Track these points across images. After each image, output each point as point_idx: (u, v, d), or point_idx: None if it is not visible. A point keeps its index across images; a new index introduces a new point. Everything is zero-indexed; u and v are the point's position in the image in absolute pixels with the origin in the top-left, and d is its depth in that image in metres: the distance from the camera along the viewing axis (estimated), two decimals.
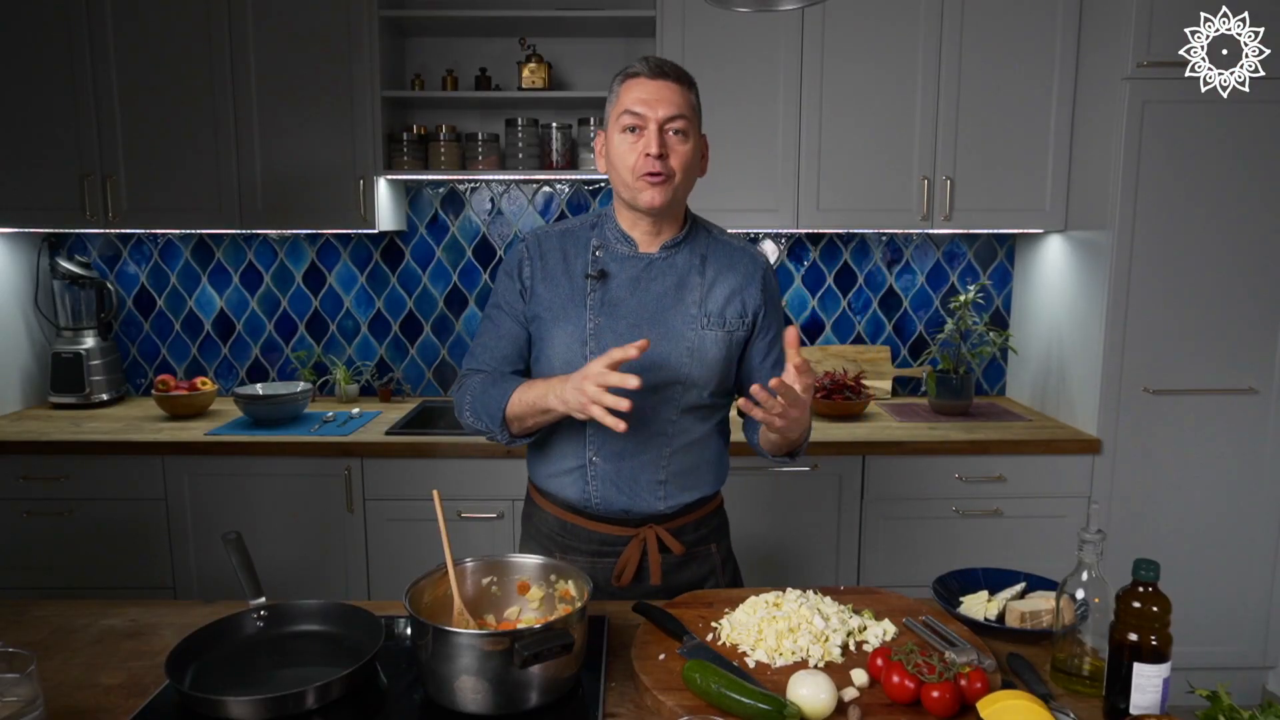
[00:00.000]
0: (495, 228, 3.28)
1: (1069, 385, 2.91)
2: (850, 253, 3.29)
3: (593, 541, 1.60)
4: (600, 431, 1.53)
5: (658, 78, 1.47)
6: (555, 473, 1.60)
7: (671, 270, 1.56)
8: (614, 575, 1.59)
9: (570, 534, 1.61)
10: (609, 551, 1.60)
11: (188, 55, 2.81)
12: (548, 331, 1.56)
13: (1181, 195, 2.64)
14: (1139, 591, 1.14)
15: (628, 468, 1.55)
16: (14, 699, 1.07)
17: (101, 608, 1.53)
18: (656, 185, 1.47)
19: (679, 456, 1.57)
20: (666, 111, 1.46)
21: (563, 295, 1.55)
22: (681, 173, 1.49)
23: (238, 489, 2.71)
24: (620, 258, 1.56)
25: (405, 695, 1.25)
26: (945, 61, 2.83)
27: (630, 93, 1.47)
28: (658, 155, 1.45)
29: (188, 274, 3.28)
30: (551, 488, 1.62)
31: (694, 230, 1.60)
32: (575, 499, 1.59)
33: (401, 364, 3.34)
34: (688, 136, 1.48)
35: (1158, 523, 2.77)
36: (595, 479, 1.56)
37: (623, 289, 1.54)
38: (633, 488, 1.56)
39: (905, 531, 2.76)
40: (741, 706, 1.12)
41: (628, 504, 1.57)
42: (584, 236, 1.58)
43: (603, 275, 1.54)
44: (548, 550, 1.63)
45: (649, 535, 1.58)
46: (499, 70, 3.13)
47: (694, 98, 1.51)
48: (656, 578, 1.58)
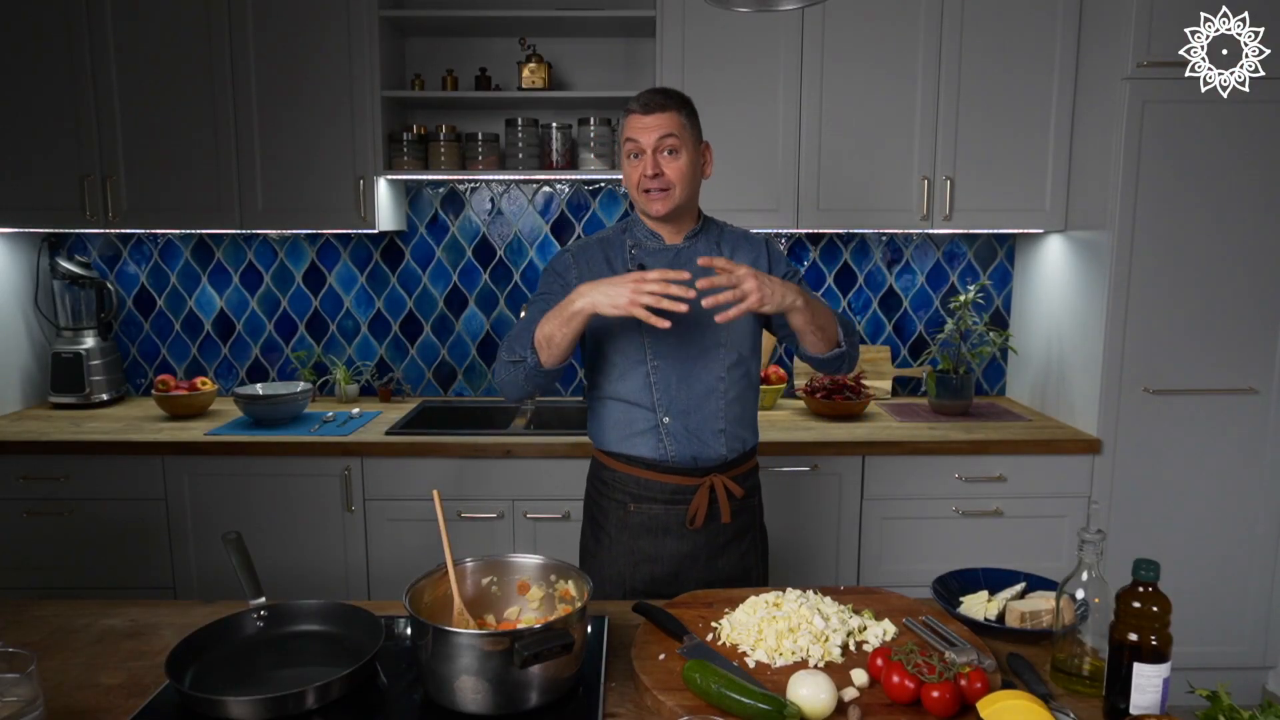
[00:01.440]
0: (495, 228, 3.28)
1: (1069, 385, 2.91)
2: (850, 253, 3.29)
3: (665, 491, 1.82)
4: (666, 395, 1.78)
5: (648, 113, 1.74)
6: (629, 435, 1.82)
7: (697, 255, 1.81)
8: (688, 519, 1.81)
9: (645, 487, 1.83)
10: (680, 500, 1.82)
11: (188, 55, 2.81)
12: (605, 326, 1.77)
13: (1181, 195, 2.64)
14: (1139, 591, 1.14)
15: (694, 421, 1.79)
16: (14, 699, 1.07)
17: (101, 608, 1.53)
18: (657, 198, 1.76)
19: (732, 407, 1.83)
20: (657, 135, 1.73)
21: None
22: (679, 182, 1.75)
23: (238, 489, 2.71)
24: (653, 251, 1.83)
25: (405, 695, 1.25)
26: (945, 61, 2.83)
27: (630, 127, 1.76)
28: (653, 175, 1.74)
29: (188, 274, 3.28)
30: (625, 450, 1.83)
31: (707, 224, 1.89)
32: (652, 456, 1.81)
33: (401, 364, 3.34)
34: (679, 152, 1.75)
35: (1158, 523, 2.77)
36: (668, 435, 1.80)
37: None
38: (700, 438, 1.80)
39: (905, 531, 2.76)
40: (741, 706, 1.13)
41: (697, 452, 1.80)
42: (619, 240, 1.86)
43: (642, 267, 1.79)
44: (622, 503, 1.85)
45: (715, 482, 1.82)
46: (499, 70, 3.13)
47: (683, 118, 1.76)
48: (727, 515, 1.83)
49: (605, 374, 1.83)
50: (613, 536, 1.86)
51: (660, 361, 1.78)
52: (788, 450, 2.68)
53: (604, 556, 1.87)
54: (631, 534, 1.84)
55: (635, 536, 1.83)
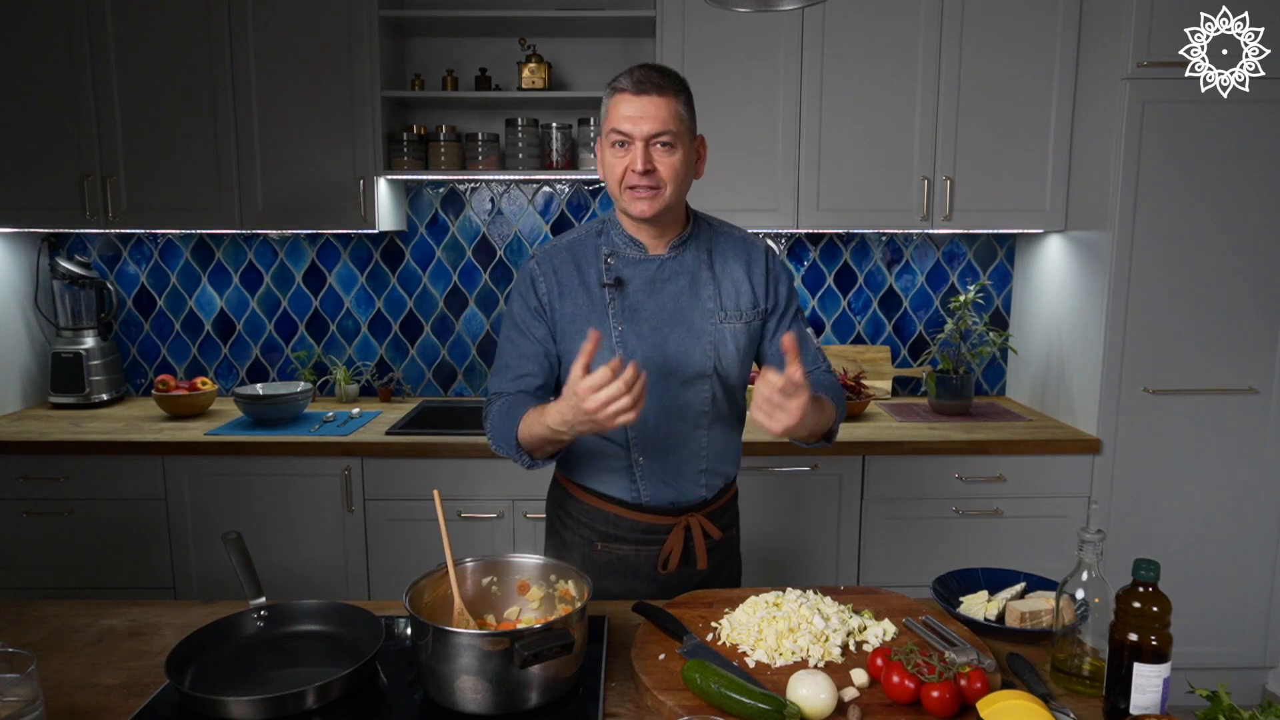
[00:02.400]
0: (495, 228, 3.28)
1: (1069, 385, 2.91)
2: (850, 253, 3.29)
3: (637, 531, 1.65)
4: (642, 433, 1.59)
5: (642, 94, 1.48)
6: (600, 471, 1.64)
7: (683, 269, 1.60)
8: (660, 562, 1.65)
9: (614, 524, 1.65)
10: (653, 540, 1.65)
11: (188, 55, 2.81)
12: (575, 346, 1.54)
13: (1181, 195, 2.64)
14: (1139, 591, 1.14)
15: (672, 463, 1.61)
16: (14, 699, 1.07)
17: (101, 608, 1.53)
18: (643, 198, 1.51)
19: (715, 443, 1.64)
20: (651, 128, 1.48)
21: (583, 308, 1.58)
22: (671, 182, 1.51)
23: (238, 489, 2.71)
24: (632, 262, 1.59)
25: (405, 695, 1.25)
26: (945, 61, 2.83)
27: (617, 109, 1.50)
28: (644, 170, 1.48)
29: (188, 274, 3.28)
30: (594, 485, 1.66)
31: (698, 227, 1.65)
32: (623, 495, 1.64)
33: (401, 364, 3.34)
34: (674, 148, 1.50)
35: (1158, 523, 2.77)
36: (643, 477, 1.62)
37: (640, 293, 1.58)
38: (678, 480, 1.62)
39: (905, 531, 2.76)
40: (741, 706, 1.12)
41: (675, 496, 1.63)
42: (592, 245, 1.61)
43: (619, 283, 1.58)
44: (588, 540, 1.67)
45: (692, 523, 1.65)
46: (499, 70, 3.13)
47: (681, 106, 1.52)
48: (704, 561, 1.65)
49: None
50: None
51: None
52: (788, 450, 2.68)
53: None
54: (597, 574, 1.63)
55: (601, 577, 1.63)
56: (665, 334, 1.58)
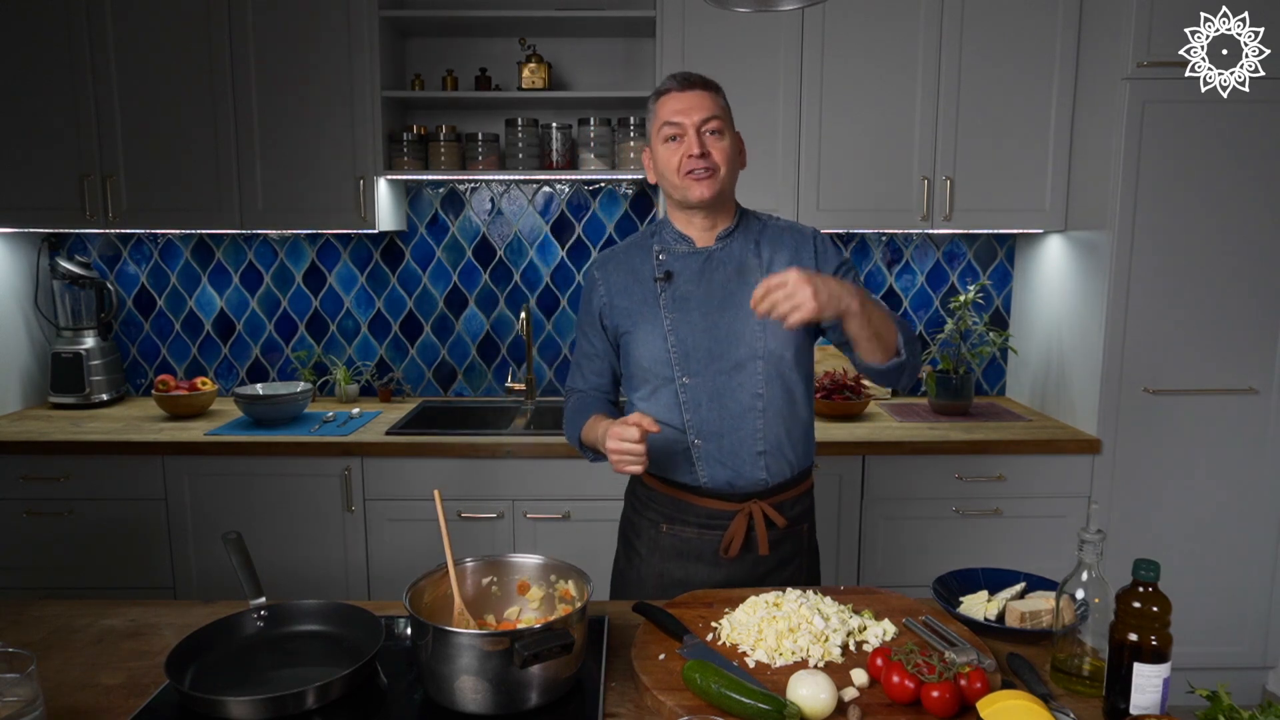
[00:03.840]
0: (495, 228, 3.28)
1: (1069, 385, 2.91)
2: (850, 253, 3.29)
3: (701, 515, 1.69)
4: (696, 415, 1.65)
5: (687, 89, 1.62)
6: (661, 456, 1.69)
7: (730, 258, 1.69)
8: (722, 547, 1.68)
9: (679, 508, 1.71)
10: (716, 525, 1.69)
11: (188, 55, 2.81)
12: (632, 337, 1.70)
13: (1181, 195, 2.64)
14: (1139, 591, 1.14)
15: (729, 443, 1.65)
16: (14, 699, 1.07)
17: (101, 608, 1.53)
18: (703, 180, 1.61)
19: (774, 427, 1.66)
20: (701, 115, 1.60)
21: (637, 301, 1.70)
22: (725, 165, 1.62)
23: (238, 489, 2.71)
24: (681, 256, 1.69)
25: (405, 695, 1.25)
26: (945, 61, 2.83)
27: (666, 106, 1.63)
28: (700, 155, 1.59)
29: (188, 274, 3.28)
30: (659, 470, 1.71)
31: (745, 219, 1.74)
32: (684, 478, 1.69)
33: (401, 364, 3.34)
34: (723, 134, 1.62)
35: (1158, 523, 2.77)
36: (700, 459, 1.67)
37: (689, 284, 1.68)
38: (736, 461, 1.66)
39: (905, 531, 2.76)
40: (741, 706, 1.12)
41: (733, 476, 1.66)
42: (646, 245, 1.73)
43: (669, 276, 1.68)
44: (655, 523, 1.74)
45: (754, 509, 1.67)
46: (499, 70, 3.13)
47: (723, 100, 1.65)
48: (764, 548, 1.68)
49: (636, 389, 1.72)
50: (643, 557, 1.74)
51: (690, 379, 1.64)
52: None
53: (633, 577, 1.76)
54: (662, 556, 1.71)
55: (666, 559, 1.71)
56: (714, 319, 1.65)
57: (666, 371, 1.66)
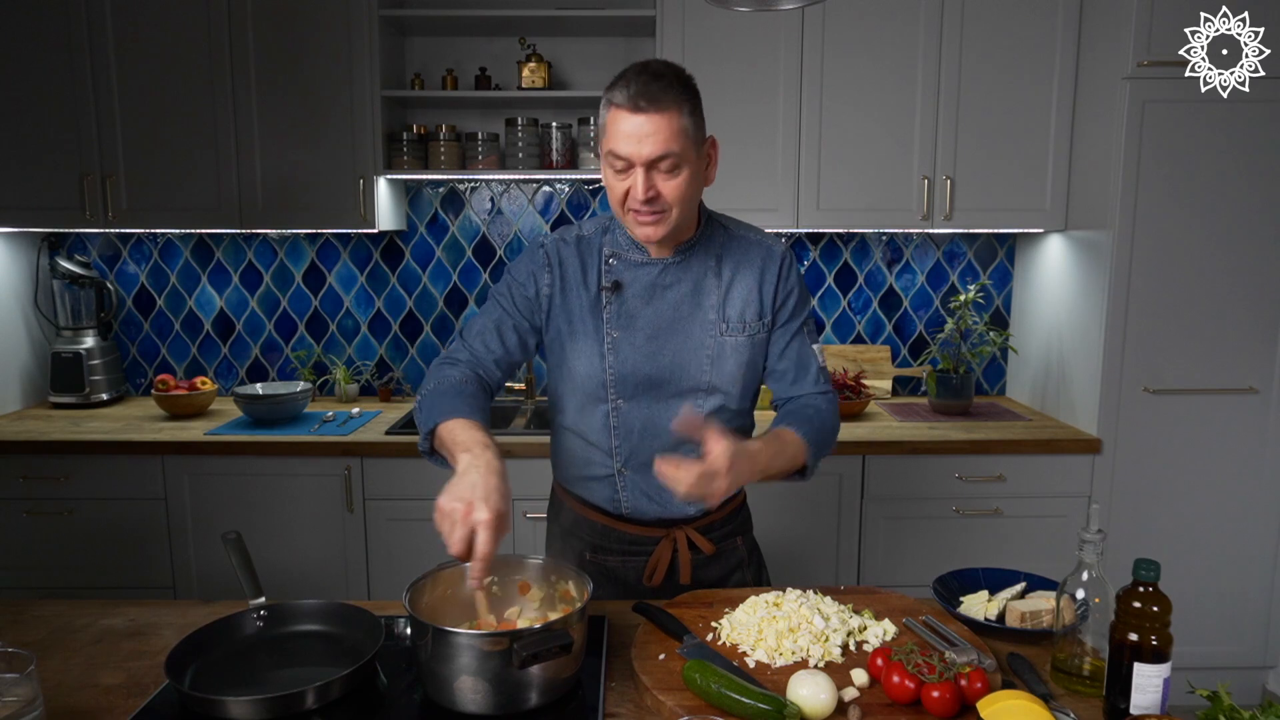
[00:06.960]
0: (495, 227, 3.28)
1: (1069, 385, 2.91)
2: (850, 252, 3.29)
3: (624, 542, 1.61)
4: (626, 443, 1.54)
5: (639, 112, 1.35)
6: (584, 477, 1.60)
7: (687, 275, 1.52)
8: (645, 575, 1.60)
9: (601, 535, 1.62)
10: (640, 551, 1.61)
11: (188, 55, 2.81)
12: (568, 344, 1.54)
13: (1181, 195, 2.64)
14: (1139, 591, 1.14)
15: (658, 479, 1.47)
16: (14, 699, 1.07)
17: (101, 608, 1.53)
18: (647, 225, 1.42)
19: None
20: (652, 151, 1.36)
21: (581, 308, 1.53)
22: (677, 205, 1.41)
23: (238, 489, 2.71)
24: (633, 265, 1.52)
25: (405, 695, 1.25)
26: (945, 61, 2.83)
27: (614, 127, 1.38)
28: (646, 199, 1.38)
29: (187, 274, 3.28)
30: (580, 492, 1.62)
31: (709, 230, 1.55)
32: (606, 505, 1.60)
33: (401, 364, 3.34)
34: (678, 169, 1.39)
35: (1158, 523, 2.77)
36: (625, 489, 1.57)
37: (638, 299, 1.52)
38: (663, 496, 1.54)
39: (905, 531, 2.76)
40: (741, 706, 1.12)
41: (659, 512, 1.58)
42: (597, 243, 1.54)
43: (617, 286, 1.51)
44: (578, 550, 1.64)
45: (679, 536, 1.59)
46: (499, 70, 3.13)
47: (684, 118, 1.38)
48: (686, 576, 1.58)
49: (565, 401, 1.58)
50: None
51: (624, 403, 1.51)
52: None
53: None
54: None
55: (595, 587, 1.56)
56: (660, 344, 1.51)
57: (599, 391, 1.52)
